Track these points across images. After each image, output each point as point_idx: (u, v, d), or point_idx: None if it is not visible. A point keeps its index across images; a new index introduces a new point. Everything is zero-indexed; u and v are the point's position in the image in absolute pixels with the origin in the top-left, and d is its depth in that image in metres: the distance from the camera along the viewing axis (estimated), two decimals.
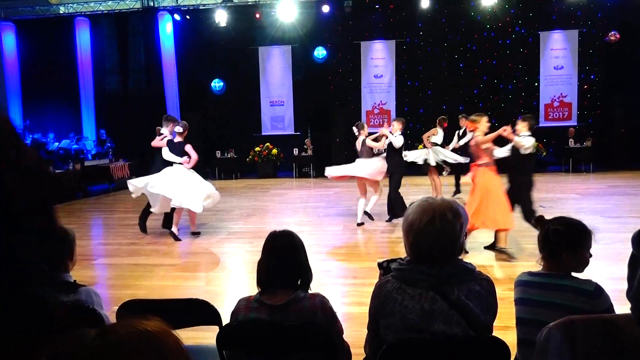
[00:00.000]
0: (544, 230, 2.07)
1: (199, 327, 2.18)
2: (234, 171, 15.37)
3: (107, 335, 0.69)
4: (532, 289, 2.03)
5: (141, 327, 0.71)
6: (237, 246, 6.41)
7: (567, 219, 2.08)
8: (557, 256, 2.03)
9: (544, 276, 2.06)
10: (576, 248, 2.02)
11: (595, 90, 14.98)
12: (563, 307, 1.91)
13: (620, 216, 7.46)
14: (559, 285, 1.98)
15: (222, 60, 16.07)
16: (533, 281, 2.06)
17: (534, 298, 2.00)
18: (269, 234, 1.96)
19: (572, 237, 2.02)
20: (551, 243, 2.03)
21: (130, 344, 0.69)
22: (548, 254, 2.06)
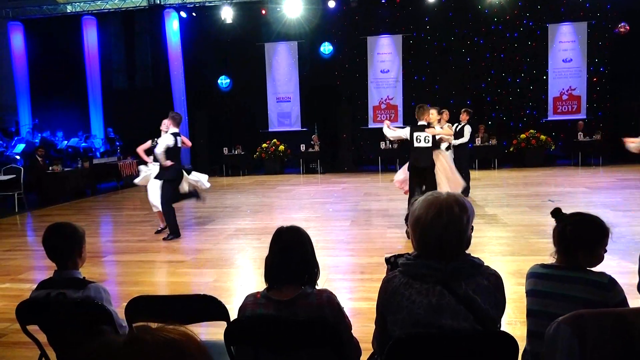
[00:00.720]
0: (560, 227, 2.04)
1: (207, 323, 2.19)
2: (241, 168, 15.41)
3: (134, 344, 0.70)
4: (545, 280, 2.01)
5: (168, 335, 0.72)
6: (245, 242, 6.42)
7: (585, 215, 2.03)
8: (573, 253, 2.01)
9: (556, 268, 2.04)
10: (593, 247, 1.99)
11: (605, 83, 14.83)
12: (575, 299, 1.89)
13: (631, 210, 7.39)
14: (572, 277, 1.96)
15: (229, 57, 16.09)
16: (545, 273, 2.04)
17: (546, 290, 1.98)
18: (276, 229, 1.96)
19: (590, 236, 1.99)
20: (568, 241, 2.01)
21: (158, 353, 0.69)
22: (564, 249, 2.03)
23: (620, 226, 5.97)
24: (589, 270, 2.00)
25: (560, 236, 2.02)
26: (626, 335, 1.55)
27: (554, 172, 12.78)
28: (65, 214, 9.49)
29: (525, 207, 7.98)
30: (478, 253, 5.31)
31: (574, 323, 1.61)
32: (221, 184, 13.44)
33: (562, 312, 1.66)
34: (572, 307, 1.75)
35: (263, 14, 15.32)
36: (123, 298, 4.11)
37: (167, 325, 0.75)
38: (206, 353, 0.74)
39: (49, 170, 11.05)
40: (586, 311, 1.64)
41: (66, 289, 2.18)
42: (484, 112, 15.34)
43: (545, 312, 1.92)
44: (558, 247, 2.05)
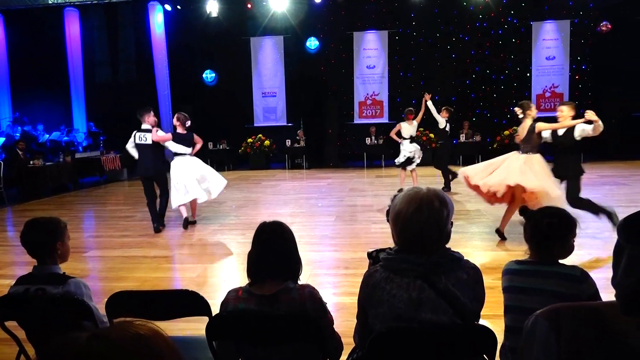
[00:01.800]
0: (533, 223, 2.08)
1: (189, 318, 2.18)
2: (226, 163, 15.33)
3: (99, 339, 0.69)
4: (520, 276, 2.06)
5: (133, 330, 0.71)
6: (229, 237, 6.40)
7: (554, 209, 2.11)
8: (549, 247, 2.05)
9: (531, 264, 2.09)
10: (566, 238, 2.06)
11: (587, 81, 15.05)
12: (550, 293, 1.94)
13: (611, 206, 7.51)
14: (546, 272, 2.01)
15: (214, 51, 15.98)
16: (520, 269, 2.08)
17: (521, 285, 2.02)
18: (259, 225, 1.96)
19: (564, 228, 2.05)
20: (543, 235, 2.05)
21: (123, 348, 0.69)
22: (537, 244, 2.08)
23: (599, 221, 6.07)
24: (562, 264, 2.06)
25: (536, 232, 2.06)
26: (601, 328, 1.59)
27: None
28: (46, 208, 9.36)
29: None
30: (460, 248, 5.37)
31: (550, 317, 1.64)
32: None
33: (538, 307, 1.70)
34: (547, 301, 1.79)
35: (249, 8, 15.22)
36: (105, 294, 4.06)
37: (134, 321, 0.74)
38: (174, 349, 0.74)
39: (30, 164, 10.87)
40: (562, 305, 1.67)
41: (46, 284, 2.15)
42: (469, 108, 15.47)
43: (522, 307, 1.96)
44: (531, 243, 2.09)
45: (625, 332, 1.51)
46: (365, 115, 15.84)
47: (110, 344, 0.68)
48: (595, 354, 1.59)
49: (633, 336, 1.48)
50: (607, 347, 1.58)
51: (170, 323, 2.84)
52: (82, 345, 0.68)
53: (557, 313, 1.65)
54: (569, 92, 15.02)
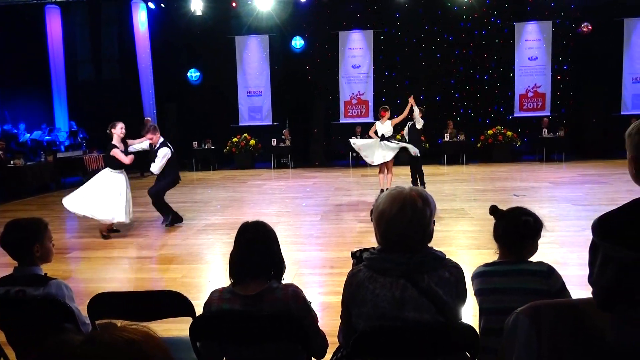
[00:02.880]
0: (507, 221, 2.12)
1: (174, 319, 2.17)
2: (211, 162, 15.24)
3: (92, 343, 0.69)
4: (492, 277, 2.09)
5: (126, 335, 0.71)
6: (214, 238, 6.37)
7: (524, 209, 2.18)
8: (522, 245, 2.10)
9: (500, 264, 2.13)
10: (538, 236, 2.12)
11: (568, 81, 15.28)
12: (522, 291, 1.98)
13: (591, 204, 7.65)
14: (516, 270, 2.06)
15: (199, 50, 15.86)
16: (491, 271, 2.12)
17: (494, 287, 2.05)
18: (241, 225, 1.96)
19: (537, 226, 2.12)
20: (519, 234, 2.08)
21: (116, 352, 0.69)
22: (511, 243, 2.11)
23: (580, 219, 6.17)
24: (529, 261, 2.12)
25: (514, 231, 2.09)
26: (579, 325, 1.62)
27: (519, 167, 13.11)
28: (27, 209, 9.21)
29: (491, 201, 8.10)
30: (445, 247, 5.42)
31: (531, 314, 1.67)
32: (191, 178, 13.27)
33: (513, 305, 1.73)
34: (521, 299, 1.83)
35: (233, 6, 15.14)
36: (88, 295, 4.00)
37: (129, 325, 0.74)
38: (167, 353, 0.74)
39: (10, 164, 10.69)
40: (543, 302, 1.70)
41: (26, 286, 2.12)
42: (453, 108, 15.59)
43: (497, 307, 1.99)
44: (504, 241, 2.13)
45: (602, 328, 1.55)
46: (350, 114, 15.86)
47: (103, 348, 0.68)
48: (573, 350, 1.62)
49: (609, 332, 1.51)
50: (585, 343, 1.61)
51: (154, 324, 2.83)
52: (75, 349, 0.68)
53: (537, 310, 1.68)
54: (551, 92, 15.23)
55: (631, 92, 14.89)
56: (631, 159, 1.50)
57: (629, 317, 1.43)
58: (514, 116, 15.42)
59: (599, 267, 1.47)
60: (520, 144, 14.76)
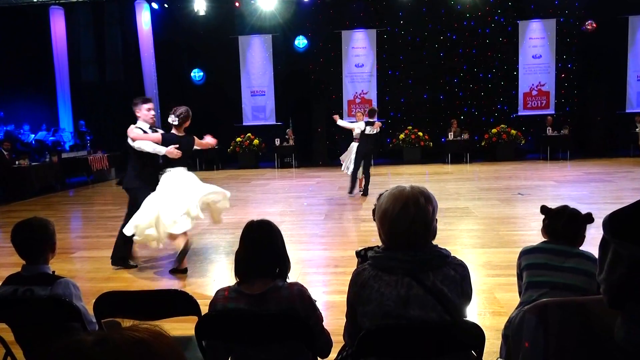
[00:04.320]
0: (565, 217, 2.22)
1: (179, 318, 2.18)
2: (215, 162, 15.26)
3: (104, 343, 0.69)
4: (546, 254, 2.15)
5: (137, 335, 0.71)
6: (219, 237, 6.38)
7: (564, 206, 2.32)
8: (580, 235, 2.23)
9: (555, 244, 2.20)
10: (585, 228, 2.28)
11: (573, 79, 15.21)
12: (577, 270, 2.05)
13: (596, 202, 7.62)
14: (572, 252, 2.14)
15: (202, 50, 15.88)
16: (546, 248, 2.19)
17: (549, 263, 2.11)
18: (246, 224, 1.96)
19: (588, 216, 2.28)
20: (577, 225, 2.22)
21: (127, 353, 0.69)
22: (572, 234, 2.20)
23: None
24: (580, 249, 2.21)
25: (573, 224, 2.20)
26: (586, 324, 1.62)
27: (523, 166, 13.06)
28: (33, 209, 9.25)
29: (495, 200, 8.15)
30: (450, 245, 5.40)
31: (539, 313, 1.67)
32: None
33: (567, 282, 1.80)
34: (576, 277, 1.92)
35: (237, 6, 15.16)
36: (94, 294, 4.02)
37: (138, 324, 0.74)
38: (178, 352, 0.74)
39: (15, 164, 10.73)
40: (550, 300, 1.70)
41: (34, 285, 2.14)
42: (457, 107, 15.56)
43: (550, 282, 2.05)
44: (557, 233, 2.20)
45: (610, 327, 1.54)
46: (354, 113, 15.84)
47: (115, 349, 0.68)
48: (580, 349, 1.62)
49: (618, 330, 1.51)
50: (592, 341, 1.61)
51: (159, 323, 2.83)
52: (86, 349, 0.68)
53: (544, 309, 1.68)
54: (555, 91, 15.18)
55: (636, 89, 14.82)
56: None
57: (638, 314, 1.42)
58: (518, 114, 15.36)
59: (609, 264, 1.47)
60: (525, 142, 14.71)
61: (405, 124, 15.31)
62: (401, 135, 15.02)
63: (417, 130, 14.95)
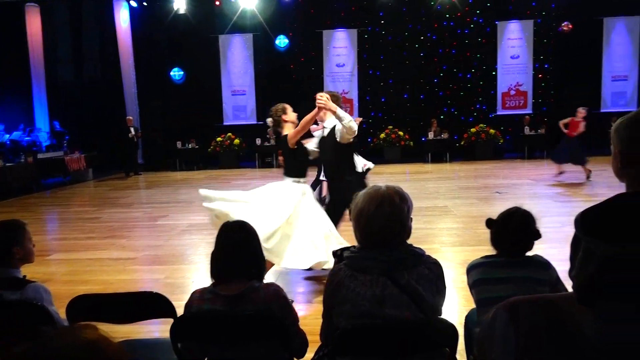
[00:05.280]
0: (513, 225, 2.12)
1: (155, 320, 2.15)
2: (195, 162, 15.14)
3: (43, 346, 0.68)
4: (495, 268, 2.10)
5: (80, 336, 0.70)
6: (198, 238, 6.33)
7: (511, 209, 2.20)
8: (527, 242, 2.13)
9: (501, 256, 2.14)
10: (529, 229, 2.15)
11: (550, 79, 15.48)
12: (528, 280, 2.01)
13: (571, 201, 7.78)
14: (520, 261, 2.09)
15: (182, 49, 15.73)
16: (493, 262, 2.13)
17: (499, 276, 2.05)
18: (222, 225, 1.95)
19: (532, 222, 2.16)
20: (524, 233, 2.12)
21: (68, 355, 0.68)
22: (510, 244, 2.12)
23: (561, 216, 6.26)
24: (528, 255, 2.14)
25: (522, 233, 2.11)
26: (556, 321, 1.64)
27: (502, 164, 13.25)
28: (8, 211, 9.04)
29: (474, 199, 8.25)
30: (429, 244, 5.45)
31: (510, 309, 1.69)
32: (175, 178, 13.17)
33: (519, 294, 1.76)
34: (527, 287, 1.88)
35: (217, 5, 15.06)
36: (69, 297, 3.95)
37: (81, 325, 0.73)
38: (123, 353, 0.73)
39: None
40: (521, 297, 1.72)
41: (3, 289, 2.09)
42: (436, 106, 15.70)
43: (502, 296, 2.00)
44: (502, 244, 2.14)
45: (581, 324, 1.56)
46: None
47: (54, 351, 0.67)
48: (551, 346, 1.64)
49: (588, 327, 1.53)
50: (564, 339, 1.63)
51: (136, 326, 2.79)
52: (25, 352, 0.67)
53: (516, 306, 1.70)
54: (532, 90, 15.43)
55: (610, 90, 15.15)
56: (617, 154, 1.51)
57: (609, 312, 1.45)
58: (497, 114, 15.57)
59: (580, 262, 1.49)
60: (503, 141, 14.92)
61: (385, 123, 15.39)
62: (382, 135, 15.10)
63: (398, 129, 15.06)
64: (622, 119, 1.51)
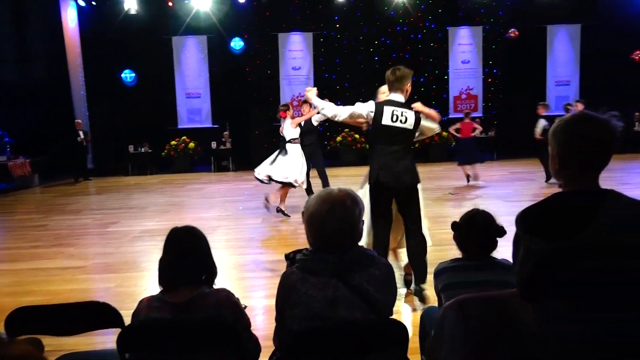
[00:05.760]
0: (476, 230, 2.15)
1: (107, 331, 2.08)
2: (148, 166, 14.74)
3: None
4: (462, 272, 2.12)
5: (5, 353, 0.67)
6: (151, 244, 6.15)
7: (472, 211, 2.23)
8: (493, 242, 2.16)
9: (469, 260, 2.17)
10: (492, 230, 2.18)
11: (498, 84, 16.06)
12: (495, 283, 2.02)
13: (520, 200, 8.07)
14: (488, 264, 2.12)
15: (134, 50, 15.27)
16: (460, 265, 2.15)
17: (467, 280, 2.07)
18: (170, 230, 1.91)
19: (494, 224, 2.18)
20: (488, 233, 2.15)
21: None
22: (483, 243, 2.16)
23: (511, 215, 6.46)
24: (494, 257, 2.18)
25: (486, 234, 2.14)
26: (504, 317, 1.69)
27: (454, 166, 13.59)
28: None
29: (428, 200, 8.36)
30: None
31: (459, 308, 1.73)
32: (126, 183, 12.79)
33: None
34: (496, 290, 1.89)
35: (170, 6, 14.75)
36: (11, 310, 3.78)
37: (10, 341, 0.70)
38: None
39: None
40: (469, 296, 1.76)
41: None
42: None
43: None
44: (470, 247, 2.17)
45: (525, 319, 1.62)
46: (293, 116, 15.85)
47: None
48: (499, 343, 1.69)
49: (532, 321, 1.59)
50: (510, 335, 1.68)
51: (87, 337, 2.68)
52: None
53: (464, 304, 1.74)
54: (482, 94, 15.95)
55: (554, 94, 15.87)
56: (554, 156, 1.58)
57: (548, 308, 1.50)
58: (449, 117, 15.98)
59: (521, 259, 1.54)
60: (455, 143, 15.32)
61: (342, 126, 15.50)
62: (338, 138, 15.21)
63: (354, 133, 15.20)
64: (558, 121, 1.58)
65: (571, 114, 1.58)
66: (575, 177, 1.53)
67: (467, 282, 2.06)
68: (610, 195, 1.46)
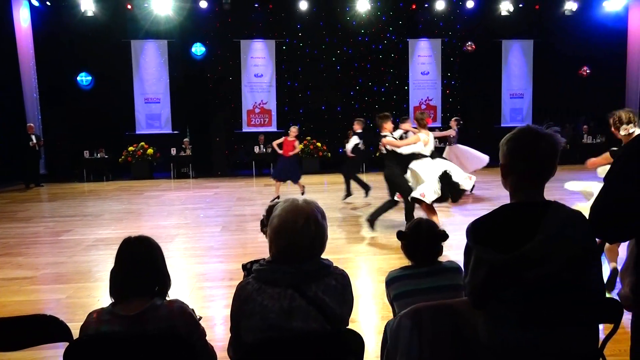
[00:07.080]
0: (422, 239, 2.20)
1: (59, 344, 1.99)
2: (104, 173, 14.30)
3: None
4: (409, 280, 2.15)
5: None
6: (106, 253, 5.96)
7: (417, 220, 2.30)
8: (439, 247, 2.22)
9: (415, 267, 2.21)
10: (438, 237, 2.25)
11: (456, 95, 16.51)
12: (440, 288, 2.07)
13: (477, 210, 8.29)
14: (433, 270, 2.16)
15: (90, 53, 14.82)
16: (408, 274, 2.18)
17: (413, 288, 2.11)
18: (123, 240, 1.86)
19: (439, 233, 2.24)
20: (434, 239, 2.19)
21: None
22: (423, 252, 2.20)
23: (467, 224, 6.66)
24: (440, 261, 2.23)
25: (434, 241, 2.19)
26: (457, 325, 1.73)
27: None
28: None
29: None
30: (344, 253, 5.54)
31: (413, 316, 1.75)
32: (81, 190, 12.37)
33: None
34: (440, 296, 1.94)
35: (129, 8, 14.44)
36: None
37: None
38: None
39: None
40: (423, 305, 1.79)
41: None
42: (353, 118, 16.08)
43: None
44: (417, 254, 2.22)
45: (475, 327, 1.66)
46: (253, 123, 15.80)
47: None
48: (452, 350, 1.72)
49: (481, 328, 1.63)
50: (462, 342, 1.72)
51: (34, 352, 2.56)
52: None
53: (418, 312, 1.77)
54: (441, 105, 16.36)
55: (509, 106, 16.47)
56: (501, 167, 1.65)
57: (496, 315, 1.55)
58: (413, 126, 16.30)
59: (472, 269, 1.59)
60: None
61: (304, 134, 15.54)
62: (300, 146, 15.20)
63: (316, 140, 15.26)
64: (508, 135, 1.65)
65: (518, 128, 1.65)
66: (521, 187, 1.60)
67: (419, 290, 2.10)
68: (553, 206, 1.53)
